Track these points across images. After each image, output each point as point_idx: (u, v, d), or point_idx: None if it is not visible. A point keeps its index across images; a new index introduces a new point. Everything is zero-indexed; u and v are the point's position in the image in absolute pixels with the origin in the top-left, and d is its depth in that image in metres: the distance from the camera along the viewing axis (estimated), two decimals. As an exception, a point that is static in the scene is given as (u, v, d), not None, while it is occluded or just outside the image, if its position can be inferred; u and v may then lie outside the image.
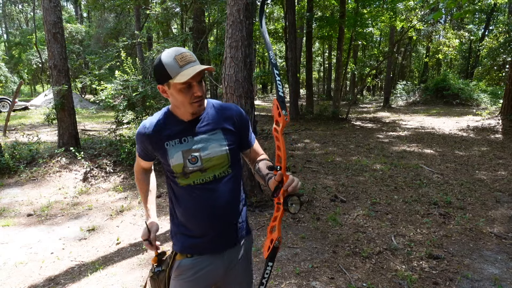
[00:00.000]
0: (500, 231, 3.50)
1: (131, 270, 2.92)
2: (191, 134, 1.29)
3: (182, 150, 1.28)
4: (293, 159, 6.65)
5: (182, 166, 1.27)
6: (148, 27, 15.84)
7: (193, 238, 1.33)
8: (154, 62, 1.26)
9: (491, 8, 22.40)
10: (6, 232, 3.68)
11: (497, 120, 9.92)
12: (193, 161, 1.28)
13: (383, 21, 13.24)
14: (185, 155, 1.27)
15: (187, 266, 1.32)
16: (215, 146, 1.30)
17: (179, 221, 1.35)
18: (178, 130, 1.29)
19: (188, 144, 1.28)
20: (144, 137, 1.32)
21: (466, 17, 22.96)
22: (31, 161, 5.83)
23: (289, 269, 2.86)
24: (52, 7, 5.79)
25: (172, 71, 1.18)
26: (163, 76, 1.21)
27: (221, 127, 1.33)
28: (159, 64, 1.20)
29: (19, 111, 15.58)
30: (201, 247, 1.33)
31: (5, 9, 35.23)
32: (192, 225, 1.32)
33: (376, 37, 28.67)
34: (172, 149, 1.28)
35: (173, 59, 1.18)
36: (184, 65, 1.19)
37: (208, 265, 1.34)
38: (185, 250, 1.34)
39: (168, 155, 1.28)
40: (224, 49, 4.09)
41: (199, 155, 1.28)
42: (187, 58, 1.20)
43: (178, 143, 1.28)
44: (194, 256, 1.33)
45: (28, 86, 34.03)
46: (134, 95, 6.09)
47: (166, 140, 1.29)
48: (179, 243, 1.35)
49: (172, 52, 1.20)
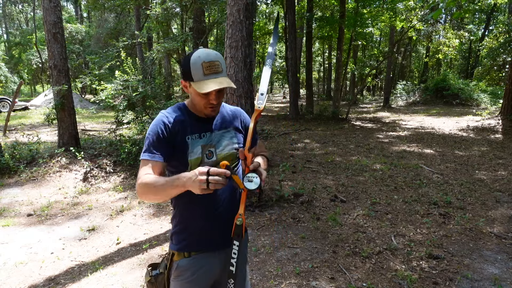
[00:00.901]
0: (500, 231, 3.50)
1: (131, 270, 2.92)
2: (209, 130, 1.34)
3: (201, 145, 1.30)
4: (293, 159, 6.65)
5: (200, 160, 1.29)
6: (148, 27, 15.84)
7: (193, 236, 1.34)
8: (187, 55, 1.26)
9: (491, 8, 22.41)
10: (6, 232, 3.68)
11: (497, 120, 9.92)
12: (210, 156, 1.32)
13: (383, 21, 13.25)
14: (203, 150, 1.31)
15: (185, 266, 1.33)
16: (228, 143, 1.37)
17: (180, 220, 1.36)
18: (197, 125, 1.32)
19: (207, 139, 1.32)
20: (166, 126, 1.28)
21: (466, 17, 22.94)
22: (31, 161, 5.83)
23: (289, 269, 2.86)
24: (52, 7, 5.79)
25: (196, 76, 1.21)
26: (186, 74, 1.24)
27: (233, 126, 1.41)
28: (187, 62, 1.22)
29: (19, 111, 15.58)
30: (201, 245, 1.34)
31: (5, 9, 35.25)
32: (194, 222, 1.34)
33: (376, 37, 28.69)
34: (193, 143, 1.29)
35: (200, 65, 1.20)
36: (209, 74, 1.20)
37: (206, 263, 1.35)
38: (184, 248, 1.34)
39: (189, 149, 1.28)
40: (224, 49, 4.09)
41: (214, 151, 1.33)
42: (214, 67, 1.21)
43: (197, 138, 1.31)
44: (192, 256, 1.33)
45: (28, 86, 34.03)
46: (134, 95, 6.09)
47: (188, 134, 1.30)
48: (178, 242, 1.35)
49: (203, 56, 1.21)
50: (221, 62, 1.25)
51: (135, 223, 3.89)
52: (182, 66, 1.26)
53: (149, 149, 1.26)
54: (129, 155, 5.75)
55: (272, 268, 2.88)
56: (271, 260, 3.02)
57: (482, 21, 25.24)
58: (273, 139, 8.87)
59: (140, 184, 1.21)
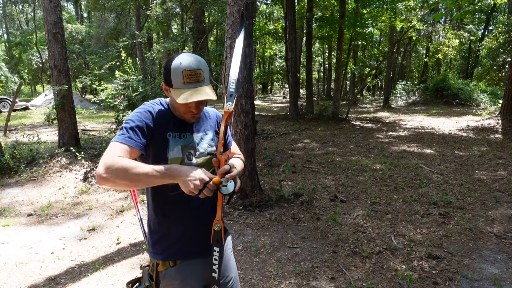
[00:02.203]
0: (500, 231, 3.51)
1: (131, 270, 2.93)
2: (189, 131, 1.31)
3: (181, 145, 1.27)
4: (293, 159, 6.65)
5: (180, 160, 1.25)
6: (148, 27, 15.85)
7: (177, 243, 1.30)
8: (169, 58, 1.21)
9: (491, 8, 22.42)
10: (7, 232, 3.69)
11: (496, 120, 9.92)
12: (189, 157, 1.29)
13: (383, 21, 13.25)
14: (183, 150, 1.27)
15: (173, 276, 1.29)
16: (207, 146, 1.34)
17: (161, 227, 1.30)
18: (178, 125, 1.28)
19: (187, 140, 1.29)
20: (152, 116, 1.22)
21: (466, 17, 22.96)
22: (31, 161, 5.83)
23: (289, 269, 2.87)
24: (52, 7, 5.79)
25: (175, 82, 1.17)
26: (167, 79, 1.20)
27: (212, 129, 1.39)
28: (167, 67, 1.18)
29: (20, 111, 15.59)
30: (186, 251, 1.30)
31: (5, 9, 35.27)
32: (176, 229, 1.29)
33: (376, 37, 28.71)
34: (173, 142, 1.25)
35: (180, 73, 1.15)
36: (188, 83, 1.16)
37: (194, 269, 1.31)
38: (169, 257, 1.29)
39: (169, 147, 1.24)
40: (224, 49, 4.10)
41: (193, 153, 1.30)
42: (195, 76, 1.16)
43: (178, 137, 1.27)
44: (177, 264, 1.29)
45: (29, 86, 34.05)
46: (134, 95, 6.10)
47: (169, 131, 1.25)
48: (161, 251, 1.30)
49: (185, 63, 1.15)
50: (204, 71, 1.19)
51: (135, 223, 3.89)
52: (164, 69, 1.20)
53: (128, 133, 1.15)
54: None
55: (272, 268, 2.88)
56: (271, 260, 3.02)
57: (482, 21, 25.26)
58: (273, 139, 8.87)
59: (112, 166, 1.05)
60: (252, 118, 4.19)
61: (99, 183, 1.07)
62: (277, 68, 23.82)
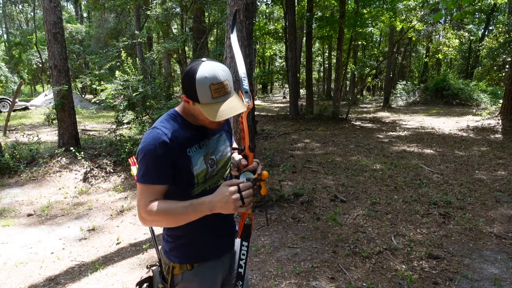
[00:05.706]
0: (500, 231, 3.51)
1: (131, 270, 2.93)
2: (206, 137, 1.25)
3: (203, 155, 1.22)
4: (293, 159, 6.65)
5: (205, 171, 1.22)
6: (148, 27, 15.83)
7: (197, 247, 1.27)
8: (187, 69, 1.10)
9: (491, 8, 22.41)
10: (6, 232, 3.69)
11: (497, 120, 9.92)
12: (212, 164, 1.25)
13: (383, 21, 13.25)
14: (205, 160, 1.23)
15: (190, 278, 1.26)
16: (223, 148, 1.32)
17: (182, 232, 1.26)
18: (195, 135, 1.21)
19: (207, 147, 1.25)
20: (168, 146, 1.12)
21: (466, 17, 22.95)
22: (31, 161, 5.83)
23: (289, 269, 2.86)
24: (52, 7, 5.79)
25: (203, 98, 1.08)
26: (191, 94, 1.10)
27: (224, 129, 1.37)
28: (191, 80, 1.07)
29: (19, 111, 15.58)
30: (205, 255, 1.28)
31: (5, 9, 35.27)
32: (198, 233, 1.26)
33: (376, 37, 28.69)
34: (194, 156, 1.19)
35: (208, 88, 1.06)
36: (218, 97, 1.08)
37: (212, 271, 1.30)
38: (188, 260, 1.26)
39: (192, 163, 1.18)
40: (224, 49, 4.09)
41: (215, 158, 1.27)
42: (223, 89, 1.08)
43: (198, 148, 1.21)
44: (195, 267, 1.27)
45: (28, 86, 34.04)
46: (134, 95, 6.09)
47: (188, 147, 1.18)
48: (182, 255, 1.27)
49: (211, 77, 1.06)
50: (230, 80, 1.11)
51: (135, 223, 3.89)
52: (186, 83, 1.10)
53: (150, 172, 1.12)
54: (129, 155, 5.75)
55: (272, 268, 2.88)
56: (271, 260, 3.02)
57: (482, 21, 25.25)
58: (273, 139, 8.87)
59: (153, 212, 1.09)
60: (252, 118, 4.19)
61: (144, 225, 1.11)
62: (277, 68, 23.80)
